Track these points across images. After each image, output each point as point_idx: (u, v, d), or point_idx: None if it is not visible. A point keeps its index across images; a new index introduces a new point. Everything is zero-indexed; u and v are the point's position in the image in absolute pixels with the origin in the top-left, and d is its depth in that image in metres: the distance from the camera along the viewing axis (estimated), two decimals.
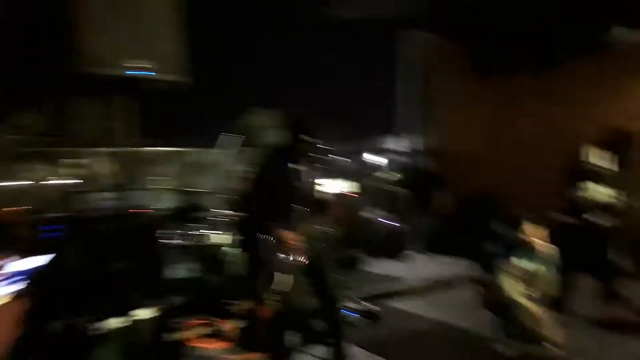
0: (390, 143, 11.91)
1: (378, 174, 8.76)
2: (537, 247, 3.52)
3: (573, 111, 6.71)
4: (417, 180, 7.75)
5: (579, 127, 6.61)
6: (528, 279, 3.57)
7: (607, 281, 4.42)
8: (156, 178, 6.14)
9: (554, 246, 3.55)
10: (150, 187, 5.79)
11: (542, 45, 6.56)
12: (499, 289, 3.56)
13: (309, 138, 3.26)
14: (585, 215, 4.09)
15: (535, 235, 3.50)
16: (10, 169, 5.10)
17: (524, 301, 3.52)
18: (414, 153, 9.62)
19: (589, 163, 4.10)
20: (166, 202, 6.12)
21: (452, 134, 8.77)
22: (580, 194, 4.10)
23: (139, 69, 1.89)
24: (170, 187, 6.06)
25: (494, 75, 7.65)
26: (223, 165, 6.34)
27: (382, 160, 11.35)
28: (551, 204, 4.50)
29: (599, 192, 4.04)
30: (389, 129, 12.61)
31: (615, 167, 4.13)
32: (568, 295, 4.21)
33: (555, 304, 4.00)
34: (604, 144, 4.18)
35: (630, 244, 4.56)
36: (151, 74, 1.96)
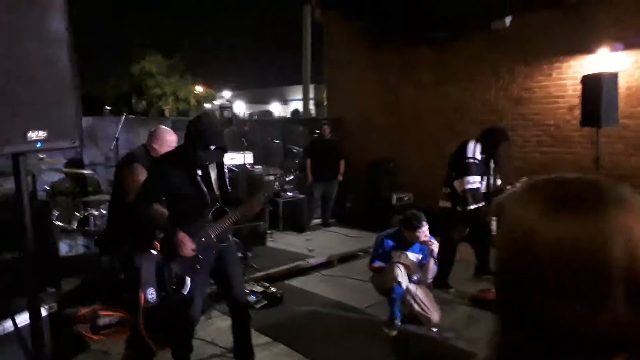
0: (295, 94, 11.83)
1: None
2: (422, 242, 3.88)
3: (459, 86, 7.22)
4: (317, 148, 7.75)
5: (465, 102, 7.18)
6: (412, 266, 3.95)
7: (481, 260, 4.99)
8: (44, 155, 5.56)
9: (434, 241, 3.92)
10: (39, 166, 5.36)
11: (436, 20, 6.90)
12: (388, 274, 3.88)
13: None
14: (463, 202, 4.54)
15: (422, 233, 3.84)
16: None
17: (408, 285, 3.90)
18: (313, 120, 9.69)
19: (465, 157, 4.52)
20: (56, 182, 5.68)
21: (350, 103, 8.94)
22: (458, 183, 4.54)
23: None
24: (60, 167, 5.63)
25: (390, 46, 7.90)
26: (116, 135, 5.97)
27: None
28: (438, 176, 4.92)
29: (474, 181, 4.48)
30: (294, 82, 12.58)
31: (488, 158, 4.60)
32: (446, 274, 4.70)
33: (436, 283, 4.47)
34: (481, 137, 4.62)
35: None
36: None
